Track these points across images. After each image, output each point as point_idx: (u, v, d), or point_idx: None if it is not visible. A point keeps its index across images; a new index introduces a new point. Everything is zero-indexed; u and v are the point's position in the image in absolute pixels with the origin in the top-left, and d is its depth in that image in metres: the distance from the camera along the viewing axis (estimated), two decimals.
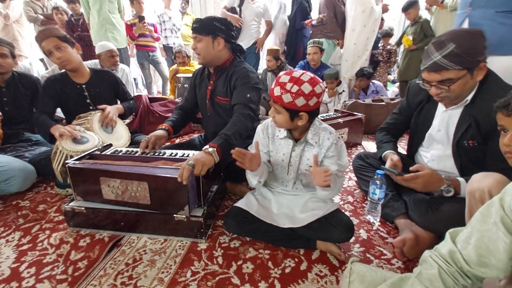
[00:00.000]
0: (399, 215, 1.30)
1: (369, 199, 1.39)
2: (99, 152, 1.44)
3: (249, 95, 1.50)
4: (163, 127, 1.58)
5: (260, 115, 2.86)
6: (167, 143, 1.81)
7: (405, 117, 1.51)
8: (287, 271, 1.10)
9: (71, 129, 1.62)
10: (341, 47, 3.63)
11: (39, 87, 1.99)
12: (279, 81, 1.06)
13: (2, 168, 1.53)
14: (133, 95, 2.31)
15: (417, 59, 3.24)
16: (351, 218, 1.26)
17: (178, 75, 3.52)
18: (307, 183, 1.26)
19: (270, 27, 3.70)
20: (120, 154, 1.42)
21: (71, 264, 1.13)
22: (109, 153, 1.43)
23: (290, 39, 3.91)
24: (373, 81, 3.35)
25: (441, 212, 1.16)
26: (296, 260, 1.15)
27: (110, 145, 1.56)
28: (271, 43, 3.94)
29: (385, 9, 3.45)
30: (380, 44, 4.08)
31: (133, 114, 2.57)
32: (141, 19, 3.81)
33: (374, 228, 1.36)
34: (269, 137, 1.23)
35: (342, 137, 2.36)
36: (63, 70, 1.88)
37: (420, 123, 1.40)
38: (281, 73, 1.08)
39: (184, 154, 1.42)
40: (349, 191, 1.71)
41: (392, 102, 2.82)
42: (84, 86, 1.91)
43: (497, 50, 1.52)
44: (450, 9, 2.93)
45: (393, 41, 4.25)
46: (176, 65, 3.70)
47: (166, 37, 4.54)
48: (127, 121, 2.37)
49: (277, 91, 1.05)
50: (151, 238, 1.27)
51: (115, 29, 3.40)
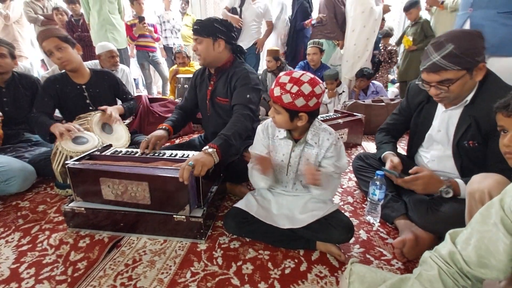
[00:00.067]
0: (399, 216, 1.31)
1: (369, 199, 1.39)
2: (99, 152, 1.44)
3: (249, 96, 1.50)
4: (163, 127, 1.58)
5: (260, 116, 2.86)
6: (167, 144, 1.81)
7: (405, 118, 1.51)
8: (287, 272, 1.09)
9: (70, 126, 1.62)
10: (341, 48, 3.63)
11: (39, 88, 1.99)
12: (279, 82, 1.06)
13: (2, 168, 1.53)
14: (133, 96, 2.31)
15: (417, 60, 3.24)
16: (351, 218, 1.26)
17: (178, 76, 3.53)
18: (306, 184, 1.26)
19: (270, 28, 3.68)
20: (120, 154, 1.42)
21: (70, 264, 1.13)
22: (109, 154, 1.43)
23: (290, 40, 3.90)
24: (373, 81, 3.34)
25: (441, 213, 1.16)
26: (296, 261, 1.15)
27: (110, 146, 1.57)
28: (272, 43, 3.91)
29: (386, 10, 3.41)
30: (380, 44, 4.08)
31: (133, 114, 2.57)
32: (141, 19, 3.82)
33: (374, 228, 1.36)
34: (269, 137, 1.23)
35: (342, 137, 2.36)
36: (63, 70, 1.88)
37: (420, 124, 1.40)
38: (281, 74, 1.08)
39: (184, 154, 1.42)
40: (349, 192, 1.71)
41: (392, 102, 2.82)
42: (84, 86, 1.91)
43: (498, 51, 1.52)
44: (450, 10, 2.93)
45: (393, 41, 4.25)
46: (176, 66, 3.70)
47: (166, 37, 4.55)
48: (127, 121, 2.37)
49: (277, 92, 1.05)
50: (150, 238, 1.27)
51: (115, 29, 3.40)
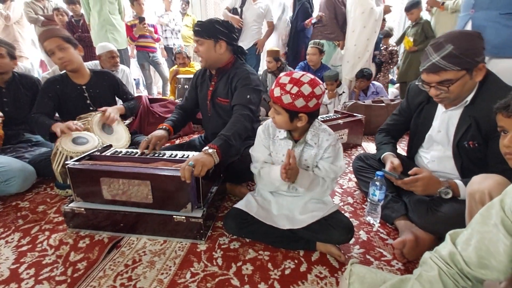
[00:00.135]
0: (399, 217, 1.30)
1: (369, 200, 1.39)
2: (99, 153, 1.44)
3: (249, 96, 1.50)
4: (163, 127, 1.58)
5: (260, 116, 2.86)
6: (167, 144, 1.81)
7: (405, 118, 1.51)
8: (287, 272, 1.09)
9: (71, 123, 1.62)
10: (342, 48, 3.63)
11: (40, 89, 1.99)
12: (279, 82, 1.06)
13: (2, 168, 1.53)
14: (133, 96, 2.31)
15: (417, 61, 3.23)
16: (351, 219, 1.25)
17: (178, 76, 3.53)
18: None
19: (271, 28, 3.68)
20: (120, 155, 1.42)
21: (70, 265, 1.13)
22: (109, 154, 1.43)
23: (291, 41, 3.90)
24: (373, 82, 3.34)
25: (440, 213, 1.16)
26: (296, 261, 1.15)
27: (110, 146, 1.57)
28: (274, 44, 3.90)
29: (388, 10, 3.41)
30: (381, 45, 4.08)
31: (135, 114, 2.56)
32: (141, 20, 3.82)
33: (374, 229, 1.36)
34: (270, 138, 1.23)
35: (342, 138, 2.36)
36: (64, 71, 1.88)
37: (420, 124, 1.40)
38: (282, 74, 1.08)
39: (183, 155, 1.42)
40: (349, 192, 1.71)
41: (392, 103, 2.82)
42: (84, 87, 1.91)
43: (501, 52, 1.52)
44: (451, 11, 2.93)
45: (392, 41, 4.25)
46: (176, 66, 3.70)
47: (166, 38, 4.56)
48: (127, 121, 2.37)
49: (277, 92, 1.05)
50: (150, 239, 1.27)
51: (116, 30, 3.41)
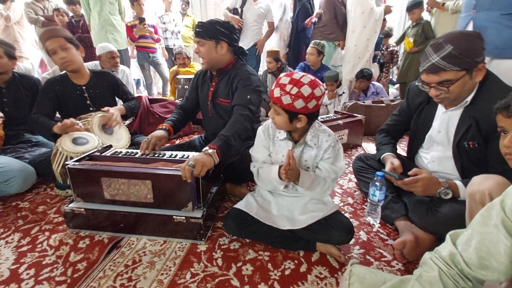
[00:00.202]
0: (399, 217, 1.30)
1: (369, 200, 1.39)
2: (99, 153, 1.44)
3: (249, 97, 1.50)
4: (163, 127, 1.58)
5: (260, 117, 2.86)
6: (167, 144, 1.81)
7: (405, 119, 1.51)
8: (287, 273, 1.09)
9: (71, 121, 1.62)
10: (342, 48, 3.63)
11: (40, 88, 1.99)
12: (279, 83, 1.06)
13: (2, 169, 1.53)
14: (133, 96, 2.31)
15: (417, 61, 3.21)
16: (351, 219, 1.25)
17: (178, 76, 3.53)
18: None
19: (272, 29, 3.66)
20: (120, 155, 1.42)
21: (70, 265, 1.13)
22: (109, 155, 1.43)
23: (292, 41, 3.89)
24: (373, 82, 3.34)
25: (440, 214, 1.16)
26: (296, 262, 1.15)
27: (110, 147, 1.57)
28: (275, 44, 3.89)
29: (388, 10, 3.40)
30: (382, 45, 4.08)
31: (135, 114, 2.56)
32: (142, 20, 3.83)
33: (374, 230, 1.36)
34: (270, 138, 1.23)
35: (342, 138, 2.36)
36: (64, 71, 1.88)
37: (420, 125, 1.40)
38: (282, 75, 1.08)
39: (183, 155, 1.42)
40: (349, 193, 1.71)
41: (392, 103, 2.82)
42: (84, 87, 1.91)
43: (502, 53, 1.51)
44: (451, 11, 2.92)
45: (392, 41, 4.25)
46: (176, 66, 3.71)
47: (166, 38, 4.56)
48: (127, 122, 2.37)
49: (277, 93, 1.05)
50: (150, 239, 1.27)
51: (116, 30, 3.41)
